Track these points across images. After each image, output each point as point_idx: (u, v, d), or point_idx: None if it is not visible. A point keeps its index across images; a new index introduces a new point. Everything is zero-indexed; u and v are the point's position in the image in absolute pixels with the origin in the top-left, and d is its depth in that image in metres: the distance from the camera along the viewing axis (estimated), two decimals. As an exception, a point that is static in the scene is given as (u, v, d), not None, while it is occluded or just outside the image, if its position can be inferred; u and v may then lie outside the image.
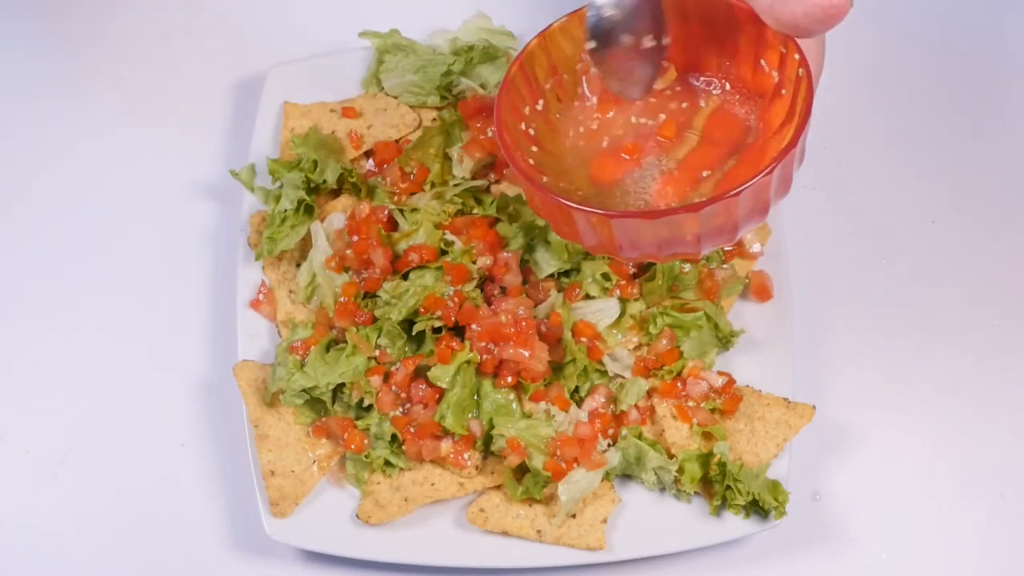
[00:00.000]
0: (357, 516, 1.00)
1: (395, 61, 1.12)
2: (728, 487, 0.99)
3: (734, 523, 1.00)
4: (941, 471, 1.06)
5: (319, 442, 1.02)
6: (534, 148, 0.85)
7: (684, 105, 0.86)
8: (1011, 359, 1.10)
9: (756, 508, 0.99)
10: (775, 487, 0.99)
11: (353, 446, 1.01)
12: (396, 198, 1.08)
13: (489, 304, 1.02)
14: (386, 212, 1.06)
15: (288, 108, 1.11)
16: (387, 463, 1.01)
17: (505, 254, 1.04)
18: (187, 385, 1.09)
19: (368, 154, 1.11)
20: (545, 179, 0.83)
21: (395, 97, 1.12)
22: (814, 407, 1.02)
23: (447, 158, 1.09)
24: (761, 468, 1.00)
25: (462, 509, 1.01)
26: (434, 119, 1.11)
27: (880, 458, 1.06)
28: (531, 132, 0.86)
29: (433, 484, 1.01)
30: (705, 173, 0.83)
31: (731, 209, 0.76)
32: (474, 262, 1.04)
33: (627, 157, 0.85)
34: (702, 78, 0.86)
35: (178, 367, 1.09)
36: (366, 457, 1.01)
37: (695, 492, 1.00)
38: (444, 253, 1.04)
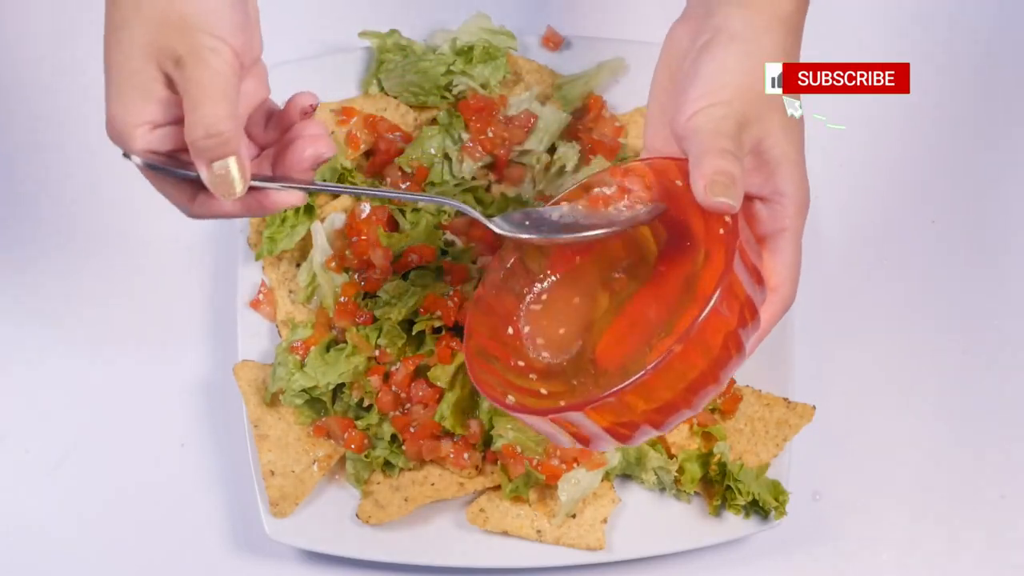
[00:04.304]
0: (357, 516, 1.00)
1: (395, 61, 1.11)
2: (728, 487, 0.99)
3: (734, 523, 1.00)
4: (941, 471, 1.06)
5: (319, 442, 1.02)
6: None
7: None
8: (1011, 359, 1.10)
9: (756, 508, 0.99)
10: (775, 487, 0.99)
11: (353, 446, 1.01)
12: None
13: (489, 304, 1.02)
14: (386, 212, 1.06)
15: (288, 108, 1.11)
16: (387, 463, 1.01)
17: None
18: (187, 385, 1.09)
19: (368, 154, 1.11)
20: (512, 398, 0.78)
21: (395, 97, 1.12)
22: (814, 407, 1.02)
23: (447, 158, 1.09)
24: (761, 468, 1.00)
25: (462, 509, 1.01)
26: (434, 119, 1.11)
27: (880, 458, 1.06)
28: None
29: (433, 484, 1.01)
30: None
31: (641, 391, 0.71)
32: (474, 262, 1.04)
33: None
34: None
35: (178, 367, 1.09)
36: (366, 457, 1.01)
37: (695, 492, 1.00)
38: (444, 253, 1.04)
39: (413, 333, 1.02)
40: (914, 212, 1.14)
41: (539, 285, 0.84)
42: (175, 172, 0.77)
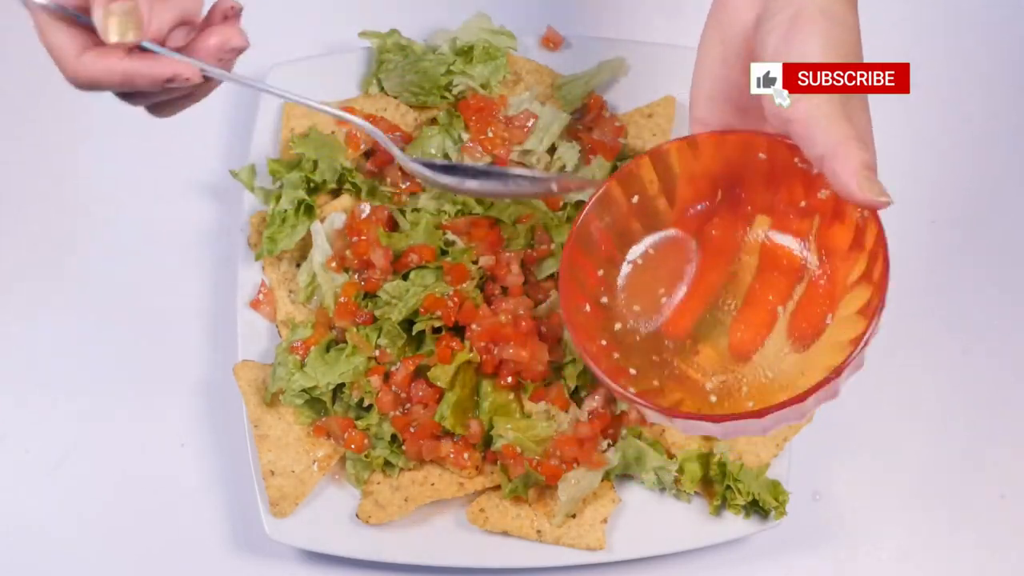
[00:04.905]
0: (357, 516, 1.00)
1: (395, 61, 1.12)
2: (728, 487, 0.99)
3: (734, 523, 1.00)
4: (941, 471, 1.06)
5: (319, 442, 1.02)
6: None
7: (728, 231, 0.81)
8: (1011, 359, 1.10)
9: (756, 508, 0.99)
10: (775, 487, 0.99)
11: (353, 446, 1.01)
12: (396, 198, 1.08)
13: (491, 304, 1.02)
14: (386, 212, 1.06)
15: (288, 108, 1.11)
16: (387, 463, 1.01)
17: (507, 254, 1.04)
18: (187, 385, 1.09)
19: (368, 154, 1.11)
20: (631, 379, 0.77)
21: (395, 97, 1.12)
22: (814, 407, 1.02)
23: (447, 158, 1.08)
24: (761, 468, 1.00)
25: (462, 509, 1.01)
26: (434, 119, 1.11)
27: (880, 458, 1.06)
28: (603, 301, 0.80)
29: (433, 484, 1.01)
30: (780, 309, 0.77)
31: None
32: (475, 262, 1.04)
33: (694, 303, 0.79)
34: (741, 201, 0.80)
35: (178, 367, 1.09)
36: (366, 457, 1.01)
37: (695, 492, 1.00)
38: (444, 253, 1.04)
39: (413, 333, 1.02)
40: (914, 212, 1.14)
41: (621, 263, 0.81)
42: None
